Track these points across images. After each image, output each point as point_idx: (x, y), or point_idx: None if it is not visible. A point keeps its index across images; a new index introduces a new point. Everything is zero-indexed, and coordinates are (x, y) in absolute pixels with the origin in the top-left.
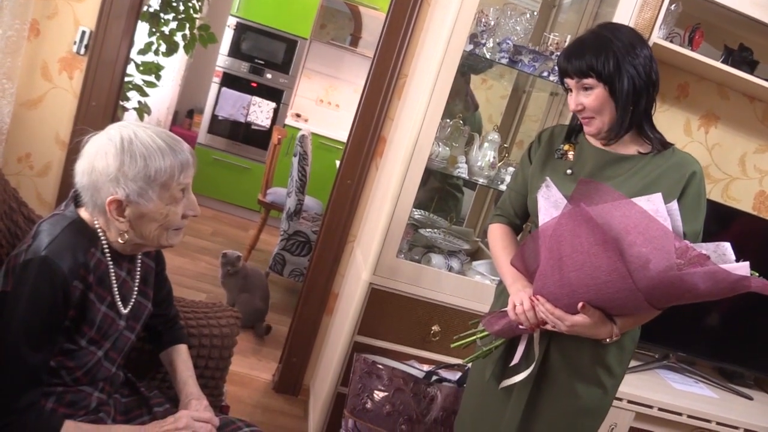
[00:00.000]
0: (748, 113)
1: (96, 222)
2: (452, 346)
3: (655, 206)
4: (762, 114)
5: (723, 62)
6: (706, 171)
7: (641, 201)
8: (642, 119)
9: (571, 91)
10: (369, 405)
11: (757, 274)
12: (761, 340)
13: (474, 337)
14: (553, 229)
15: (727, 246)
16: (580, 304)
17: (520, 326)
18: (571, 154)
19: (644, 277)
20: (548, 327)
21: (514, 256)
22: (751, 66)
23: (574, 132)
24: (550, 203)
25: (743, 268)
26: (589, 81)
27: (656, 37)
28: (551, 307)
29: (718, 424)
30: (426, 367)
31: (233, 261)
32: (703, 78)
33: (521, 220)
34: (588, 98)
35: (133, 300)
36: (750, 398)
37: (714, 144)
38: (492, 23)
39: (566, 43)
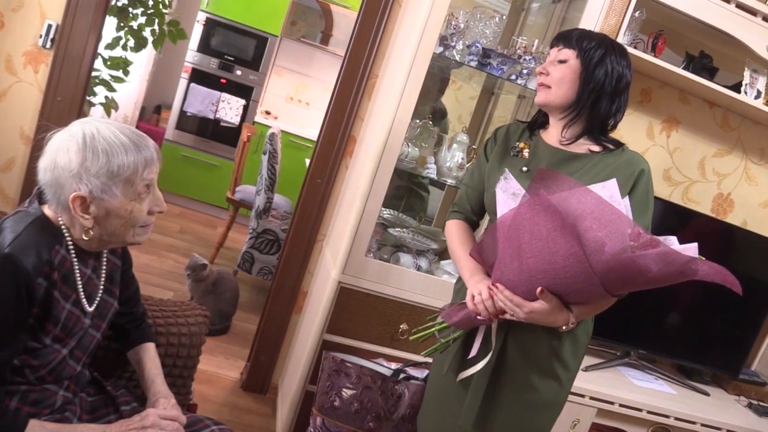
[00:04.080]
0: (707, 118)
1: (60, 219)
2: (411, 339)
3: (610, 192)
4: (721, 119)
5: (684, 69)
6: (667, 174)
7: (597, 188)
8: (594, 122)
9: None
10: (337, 403)
11: (703, 258)
12: (718, 339)
13: (433, 329)
14: (512, 218)
15: (674, 239)
16: (538, 289)
17: (479, 317)
18: (526, 152)
19: (599, 260)
20: (507, 316)
21: (473, 248)
22: (710, 73)
23: (529, 130)
24: (508, 195)
25: (692, 249)
26: (569, 53)
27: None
28: (510, 294)
29: (677, 419)
30: (394, 365)
31: (195, 267)
32: (666, 83)
33: (478, 216)
34: (557, 70)
35: (98, 298)
36: (707, 394)
37: (675, 148)
38: (462, 26)
39: (534, 48)
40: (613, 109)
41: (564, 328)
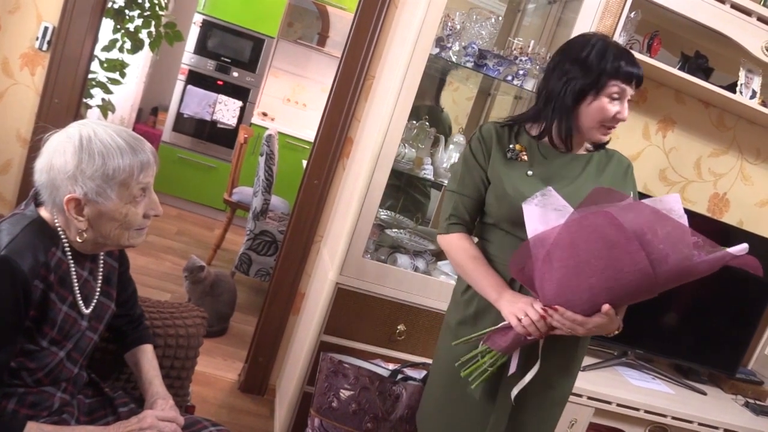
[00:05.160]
0: (703, 118)
1: (56, 221)
2: (463, 374)
3: (669, 206)
4: (716, 119)
5: (680, 69)
6: (663, 174)
7: (653, 202)
8: None
9: (615, 99)
10: (335, 404)
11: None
12: (715, 339)
13: (482, 361)
14: (559, 236)
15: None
16: (606, 307)
17: (529, 337)
18: (524, 155)
19: (663, 270)
20: (557, 332)
21: (516, 270)
22: (706, 73)
23: (514, 131)
24: (549, 210)
25: (743, 248)
26: (632, 93)
27: None
28: (572, 314)
29: (674, 418)
30: (391, 366)
31: (193, 269)
32: (661, 84)
33: (474, 223)
34: (626, 110)
35: (95, 300)
36: (704, 393)
37: (671, 148)
38: (458, 27)
39: (530, 48)
40: None
41: (616, 332)
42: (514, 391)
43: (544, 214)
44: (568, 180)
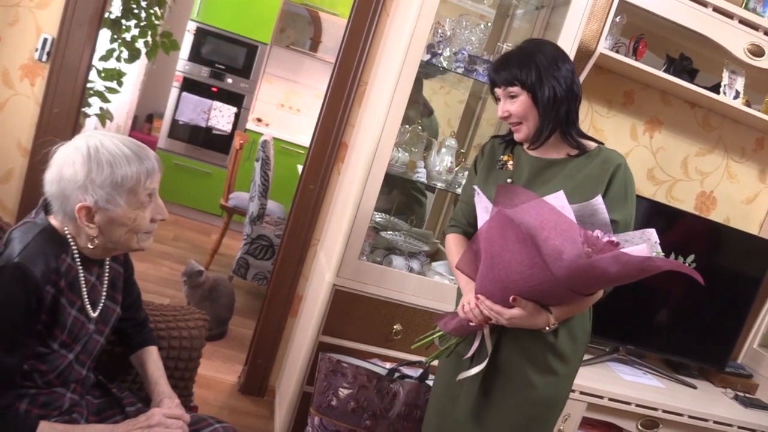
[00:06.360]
0: (689, 119)
1: (66, 228)
2: (413, 347)
3: (561, 202)
4: (702, 119)
5: (665, 71)
6: (651, 173)
7: (550, 199)
8: (565, 125)
9: (500, 100)
10: (334, 402)
11: (662, 254)
12: (705, 334)
13: (432, 337)
14: (485, 231)
15: (652, 231)
16: (511, 297)
17: (470, 323)
18: (510, 164)
19: (560, 267)
20: (493, 322)
21: (459, 260)
22: (691, 74)
23: (511, 143)
24: (482, 208)
25: (643, 250)
26: (514, 89)
27: (603, 47)
28: (491, 303)
29: (665, 411)
30: (389, 365)
31: (192, 274)
32: (648, 85)
33: (474, 228)
34: (513, 105)
35: (101, 304)
36: (694, 387)
37: (658, 148)
38: (448, 33)
39: None
40: (574, 105)
41: (547, 329)
42: (459, 377)
43: (480, 212)
44: (543, 184)
